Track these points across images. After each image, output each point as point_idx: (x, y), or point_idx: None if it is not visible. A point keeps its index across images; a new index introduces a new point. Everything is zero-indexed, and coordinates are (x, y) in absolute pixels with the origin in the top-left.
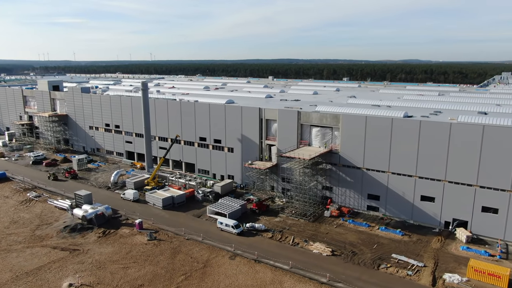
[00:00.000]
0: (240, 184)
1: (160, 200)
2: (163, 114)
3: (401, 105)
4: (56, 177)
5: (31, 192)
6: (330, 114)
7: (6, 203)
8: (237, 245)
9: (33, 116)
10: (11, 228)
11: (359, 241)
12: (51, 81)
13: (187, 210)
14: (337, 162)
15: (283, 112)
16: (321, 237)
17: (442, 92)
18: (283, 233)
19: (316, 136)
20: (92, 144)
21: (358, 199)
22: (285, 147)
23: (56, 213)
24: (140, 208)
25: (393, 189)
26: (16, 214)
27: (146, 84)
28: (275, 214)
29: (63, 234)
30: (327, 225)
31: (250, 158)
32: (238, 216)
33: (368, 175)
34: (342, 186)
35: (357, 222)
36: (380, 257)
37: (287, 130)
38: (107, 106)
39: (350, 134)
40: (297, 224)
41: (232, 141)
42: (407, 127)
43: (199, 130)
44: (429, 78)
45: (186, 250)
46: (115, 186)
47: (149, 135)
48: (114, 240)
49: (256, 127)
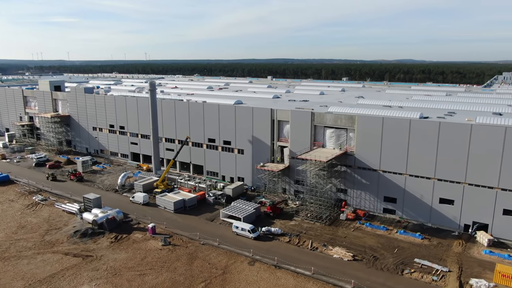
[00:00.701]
0: (250, 186)
1: (171, 203)
2: (170, 115)
3: (411, 105)
4: (55, 177)
5: (37, 196)
6: (345, 115)
7: (11, 207)
8: (254, 250)
9: (34, 117)
10: (19, 234)
11: (379, 245)
12: (53, 81)
13: (199, 213)
14: (352, 164)
15: (296, 113)
16: (339, 241)
17: (449, 93)
18: (300, 237)
19: (330, 137)
20: (95, 146)
21: (373, 202)
22: (298, 149)
23: (64, 217)
24: (151, 211)
25: (411, 192)
26: (23, 219)
27: (154, 84)
28: (290, 217)
29: (74, 240)
30: (344, 228)
31: (261, 160)
32: (253, 219)
33: (384, 177)
34: (357, 188)
35: (374, 226)
36: (403, 261)
37: (300, 132)
38: (112, 106)
39: (366, 135)
40: (313, 228)
41: (243, 143)
42: (426, 129)
43: (208, 131)
44: (428, 78)
45: (203, 255)
46: (123, 188)
47: (157, 136)
48: (127, 245)
49: (268, 128)
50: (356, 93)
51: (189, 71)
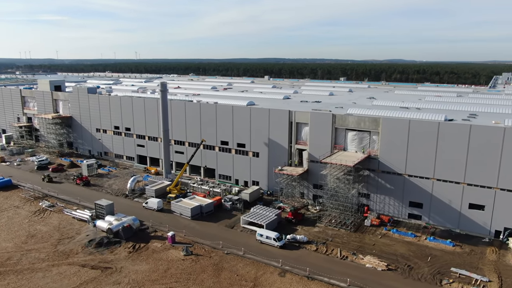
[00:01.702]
0: (266, 190)
1: (188, 209)
2: (180, 117)
3: (427, 107)
4: (51, 179)
5: (43, 201)
6: (369, 118)
7: (18, 214)
8: (282, 259)
9: (32, 118)
10: (30, 243)
11: (410, 253)
12: (53, 81)
13: (217, 220)
14: (376, 168)
15: (316, 115)
16: (369, 249)
17: (460, 93)
18: (327, 245)
19: (352, 140)
20: (99, 148)
21: (398, 207)
22: (317, 152)
23: (75, 225)
24: (166, 218)
25: (438, 197)
26: (32, 227)
27: (166, 85)
28: (312, 223)
29: (89, 250)
30: (371, 235)
31: (277, 163)
32: (274, 226)
33: (410, 181)
34: (381, 193)
35: (402, 232)
36: (439, 271)
37: (320, 134)
38: (117, 107)
39: (391, 138)
40: (339, 235)
41: (258, 145)
42: (455, 132)
43: (221, 134)
44: (424, 78)
45: (229, 266)
46: (133, 193)
47: (168, 138)
48: (147, 255)
49: (286, 130)
50: (365, 93)
51: (183, 71)
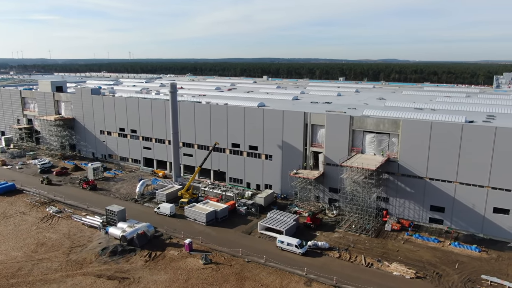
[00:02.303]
0: (280, 194)
1: (203, 215)
2: (189, 118)
3: (440, 108)
4: (50, 181)
5: (50, 207)
6: (389, 120)
7: (25, 221)
8: (306, 267)
9: (33, 120)
10: (40, 252)
11: (437, 260)
12: (54, 82)
13: (233, 225)
14: (396, 171)
15: (333, 117)
16: (393, 256)
17: (468, 94)
18: (350, 252)
19: (370, 143)
20: (103, 150)
21: (418, 211)
22: (333, 155)
23: (86, 232)
24: (180, 224)
25: (461, 201)
26: (41, 234)
27: (175, 85)
28: (331, 228)
29: (104, 259)
30: (393, 240)
31: (292, 166)
32: (293, 232)
33: (431, 185)
34: (401, 196)
35: (425, 237)
36: (469, 278)
37: (337, 136)
38: (122, 109)
39: (411, 141)
40: (360, 240)
41: (271, 148)
42: (480, 134)
43: (232, 136)
44: (422, 78)
45: (252, 275)
46: (143, 198)
47: (177, 141)
48: (165, 264)
49: (300, 132)
50: (372, 94)
51: (179, 71)
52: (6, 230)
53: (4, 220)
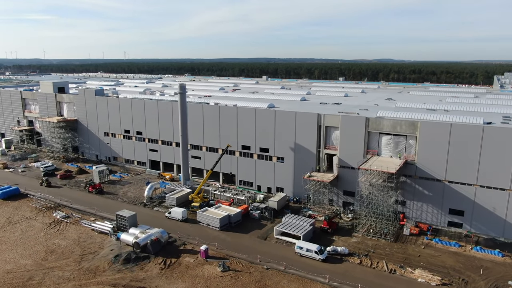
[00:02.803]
0: (292, 197)
1: (217, 220)
2: (197, 120)
3: (452, 108)
4: (49, 183)
5: (57, 212)
6: (406, 121)
7: (32, 227)
8: (328, 274)
9: (34, 121)
10: (51, 260)
11: (460, 265)
12: (56, 82)
13: (247, 230)
14: (413, 174)
15: (348, 119)
16: (415, 261)
17: (476, 94)
18: (370, 258)
19: (386, 145)
20: (107, 153)
21: (437, 214)
22: (348, 157)
23: (96, 238)
24: (193, 229)
25: (482, 204)
26: (50, 241)
27: (184, 86)
28: (348, 233)
29: (117, 266)
30: (413, 245)
31: (304, 168)
32: (310, 237)
33: (450, 188)
34: (418, 200)
35: (445, 242)
36: (496, 285)
37: (352, 139)
38: (127, 110)
39: (430, 143)
40: (379, 245)
41: (283, 150)
42: (502, 136)
43: (242, 138)
44: (421, 78)
45: (273, 283)
46: (151, 202)
47: (186, 143)
48: (181, 272)
49: (314, 134)
50: (379, 94)
51: (176, 71)
52: (13, 236)
53: (10, 226)
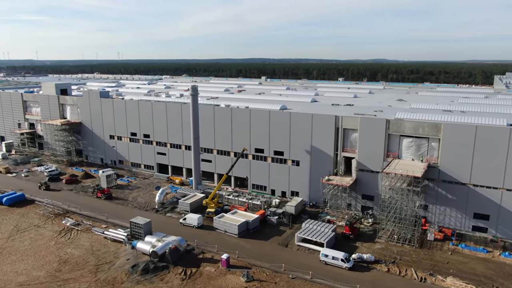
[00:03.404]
0: (308, 202)
1: (235, 226)
2: (208, 122)
3: (467, 109)
4: (48, 186)
5: (66, 219)
6: (429, 123)
7: (41, 235)
8: (356, 283)
9: (35, 124)
10: (65, 271)
11: (491, 272)
12: (59, 84)
13: (266, 237)
14: (436, 177)
15: (367, 121)
16: (444, 269)
17: (486, 95)
18: (398, 265)
19: (408, 147)
20: (112, 156)
21: (460, 219)
22: (367, 160)
23: (110, 247)
24: (210, 236)
25: (508, 208)
26: (61, 250)
27: (196, 88)
28: (370, 238)
29: (136, 277)
30: (439, 251)
31: (321, 172)
32: (333, 243)
33: (475, 192)
34: (441, 204)
35: (472, 247)
36: None
37: (371, 141)
38: (134, 112)
39: (453, 145)
40: (405, 252)
41: (299, 153)
42: None
43: (255, 141)
44: (419, 78)
45: None
46: (163, 207)
47: (198, 146)
48: (204, 283)
49: (331, 137)
50: (386, 95)
51: (173, 71)
52: (23, 246)
53: (19, 235)
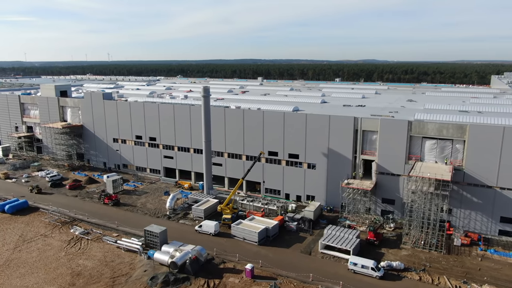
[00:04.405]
0: (325, 206)
1: (255, 234)
2: (219, 125)
3: (483, 110)
4: (40, 189)
5: (75, 228)
6: (453, 124)
7: (49, 245)
8: None
9: (33, 127)
10: (79, 285)
11: None
12: (58, 86)
13: (287, 244)
14: (460, 180)
15: (388, 122)
16: (478, 276)
17: (495, 95)
18: (429, 273)
19: (431, 149)
20: (116, 160)
21: (486, 223)
22: (388, 163)
23: (125, 257)
24: (228, 244)
25: None
26: (73, 262)
27: (208, 89)
28: (395, 244)
29: None
30: (468, 257)
31: (338, 175)
32: (358, 250)
33: (502, 195)
34: (466, 207)
35: (501, 253)
36: None
37: (392, 143)
38: (139, 115)
39: (480, 147)
40: (433, 258)
41: (315, 156)
42: None
43: (268, 143)
44: (414, 78)
45: None
46: (175, 213)
47: (210, 150)
48: None
49: (350, 139)
50: (392, 95)
51: (165, 72)
52: (31, 257)
53: (25, 245)
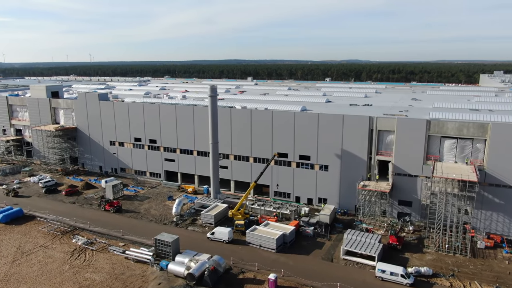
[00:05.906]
0: (339, 209)
1: (273, 240)
2: (224, 126)
3: (493, 108)
4: (16, 193)
5: (77, 237)
6: (474, 123)
7: (51, 258)
8: None
9: (22, 130)
10: None
11: None
12: (49, 86)
13: (306, 251)
14: (482, 181)
15: (405, 122)
16: (509, 281)
17: (497, 94)
18: (459, 278)
19: (450, 149)
20: (113, 163)
21: (509, 224)
22: (405, 164)
23: (135, 269)
24: (244, 252)
25: None
26: (79, 275)
27: (215, 89)
28: (417, 248)
29: None
30: (495, 260)
31: (353, 177)
32: (381, 256)
33: None
34: (487, 209)
35: None
36: None
37: (410, 143)
38: (139, 116)
39: (502, 146)
40: (459, 263)
41: (327, 157)
42: None
43: (277, 145)
44: (402, 78)
45: None
46: (182, 220)
47: (217, 152)
48: None
49: (365, 139)
50: (393, 95)
51: (151, 73)
52: (31, 272)
53: (24, 258)
